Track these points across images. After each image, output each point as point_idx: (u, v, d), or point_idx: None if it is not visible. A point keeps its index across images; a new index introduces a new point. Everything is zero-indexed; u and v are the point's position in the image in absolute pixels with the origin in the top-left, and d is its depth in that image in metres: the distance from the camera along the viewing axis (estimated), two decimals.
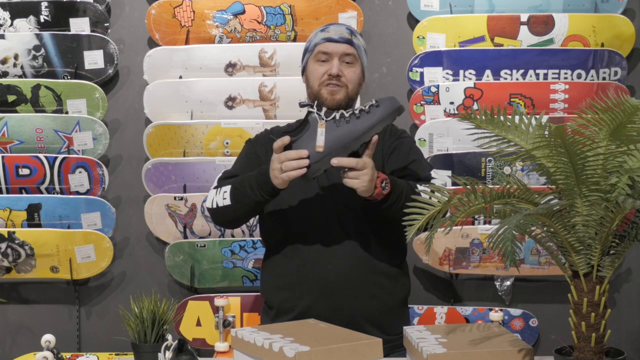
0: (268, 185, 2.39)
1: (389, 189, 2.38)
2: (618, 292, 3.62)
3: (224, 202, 2.49)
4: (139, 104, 3.61)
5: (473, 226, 3.49)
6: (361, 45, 2.61)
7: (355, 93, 2.59)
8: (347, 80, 2.55)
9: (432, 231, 1.95)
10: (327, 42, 2.57)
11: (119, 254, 3.65)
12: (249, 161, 2.62)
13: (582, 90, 3.49)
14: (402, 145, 2.63)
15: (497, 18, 3.54)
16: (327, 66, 2.55)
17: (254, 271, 3.53)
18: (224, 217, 2.57)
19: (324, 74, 2.55)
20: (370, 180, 2.33)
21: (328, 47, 2.56)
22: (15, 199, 3.51)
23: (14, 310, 3.68)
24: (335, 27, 2.61)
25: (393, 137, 2.65)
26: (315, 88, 2.56)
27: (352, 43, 2.57)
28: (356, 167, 2.32)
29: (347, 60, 2.56)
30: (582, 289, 1.95)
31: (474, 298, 3.62)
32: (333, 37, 2.57)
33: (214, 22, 3.58)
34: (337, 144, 2.33)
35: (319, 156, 2.32)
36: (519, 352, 2.01)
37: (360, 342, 2.05)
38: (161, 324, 2.31)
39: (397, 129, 2.72)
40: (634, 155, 1.96)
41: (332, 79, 2.53)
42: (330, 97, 2.54)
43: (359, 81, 2.59)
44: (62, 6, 3.58)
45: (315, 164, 2.32)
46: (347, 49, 2.56)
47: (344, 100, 2.55)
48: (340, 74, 2.54)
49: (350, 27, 2.65)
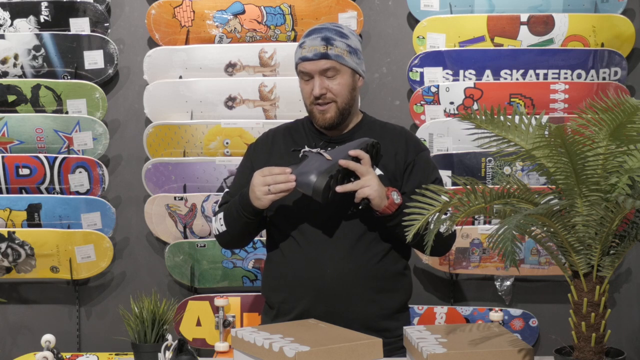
0: (250, 207, 2.46)
1: (400, 200, 2.42)
2: (618, 292, 3.62)
3: (222, 228, 2.60)
4: (139, 104, 3.61)
5: (473, 226, 3.49)
6: (342, 49, 2.50)
7: (348, 100, 2.54)
8: (333, 95, 2.51)
9: (432, 231, 1.95)
10: (304, 61, 2.52)
11: (119, 254, 3.65)
12: (244, 177, 2.63)
13: (582, 90, 3.49)
14: (421, 161, 2.60)
15: (497, 18, 3.54)
16: (311, 84, 2.52)
17: (254, 271, 3.53)
18: (228, 242, 2.68)
19: (310, 93, 2.52)
20: (378, 184, 2.39)
21: (306, 67, 2.51)
22: (15, 199, 3.51)
23: (14, 310, 3.69)
24: (311, 40, 2.51)
25: (412, 150, 2.61)
26: (308, 107, 2.57)
27: (328, 56, 2.48)
28: (360, 173, 2.38)
29: (329, 75, 2.51)
30: (582, 289, 1.95)
31: (474, 298, 3.62)
32: (308, 55, 2.50)
33: (214, 22, 3.58)
34: (339, 155, 2.44)
35: (328, 163, 2.40)
36: (519, 352, 2.01)
37: (360, 342, 2.05)
38: (161, 324, 2.31)
39: (416, 140, 2.67)
40: (634, 155, 1.96)
41: (317, 99, 2.51)
42: (321, 117, 2.53)
43: (349, 87, 2.53)
44: (62, 6, 3.58)
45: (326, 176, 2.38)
46: (325, 64, 2.48)
47: (335, 118, 2.53)
48: (325, 91, 2.50)
49: (329, 31, 2.52)
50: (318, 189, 2.36)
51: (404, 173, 2.57)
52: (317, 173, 2.37)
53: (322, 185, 2.36)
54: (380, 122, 2.69)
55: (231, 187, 2.70)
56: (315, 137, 2.61)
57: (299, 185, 2.40)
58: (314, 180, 2.37)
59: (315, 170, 2.38)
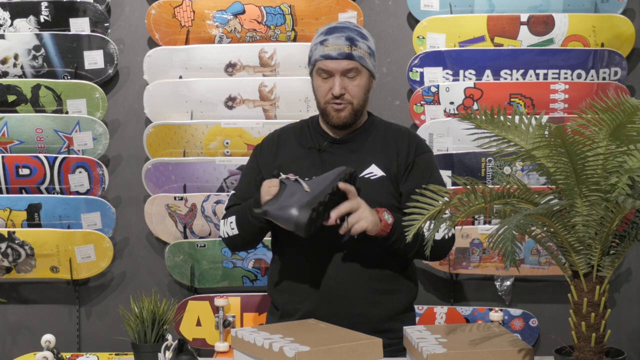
0: None
1: (392, 219, 2.41)
2: (618, 292, 3.62)
3: (233, 232, 2.57)
4: (139, 104, 3.61)
5: (473, 226, 3.49)
6: (364, 50, 2.51)
7: (363, 102, 2.55)
8: (351, 97, 2.51)
9: (431, 231, 1.95)
10: (326, 59, 2.49)
11: (119, 254, 3.65)
12: (251, 178, 2.64)
13: (582, 90, 3.49)
14: (421, 162, 2.59)
15: (497, 18, 3.54)
16: (330, 83, 2.50)
17: (254, 271, 3.53)
18: (237, 245, 2.67)
19: (327, 92, 2.51)
20: (371, 214, 2.38)
21: (328, 65, 2.49)
22: (15, 199, 3.51)
23: (14, 310, 3.69)
24: (334, 39, 2.49)
25: (413, 152, 2.59)
26: (322, 105, 2.54)
27: (353, 57, 2.48)
28: (352, 208, 2.37)
29: (350, 75, 2.50)
30: (582, 289, 1.95)
31: (474, 298, 3.62)
32: (331, 54, 2.48)
33: (214, 22, 3.58)
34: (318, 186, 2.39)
35: (308, 196, 2.35)
36: (519, 352, 2.01)
37: (360, 342, 2.05)
38: (161, 324, 2.31)
39: (419, 142, 2.65)
40: (634, 155, 1.96)
41: (335, 99, 2.50)
42: (336, 115, 2.52)
43: (365, 89, 2.54)
44: (62, 6, 3.58)
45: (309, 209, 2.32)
46: (348, 65, 2.48)
47: (349, 117, 2.53)
48: (344, 92, 2.50)
49: (351, 31, 2.52)
50: (301, 224, 2.30)
51: (404, 174, 2.57)
52: (298, 207, 2.32)
53: (304, 220, 2.30)
54: (385, 123, 2.68)
55: (237, 189, 2.69)
56: (321, 137, 2.60)
57: (280, 220, 2.35)
58: (296, 214, 2.31)
59: (296, 204, 2.32)
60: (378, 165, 2.55)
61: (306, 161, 2.57)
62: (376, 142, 2.59)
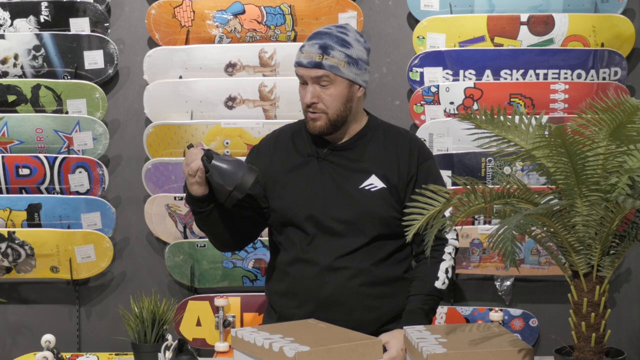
0: (189, 197, 2.44)
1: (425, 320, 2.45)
2: (618, 292, 3.62)
3: (203, 233, 2.60)
4: (139, 104, 3.61)
5: (473, 226, 3.49)
6: (340, 59, 2.42)
7: (341, 112, 2.46)
8: (325, 106, 2.44)
9: (432, 231, 1.95)
10: (299, 66, 2.46)
11: (119, 254, 3.65)
12: None
13: (582, 90, 3.49)
14: (423, 173, 2.54)
15: (497, 18, 3.54)
16: (306, 89, 2.47)
17: (254, 271, 3.54)
18: (217, 244, 2.63)
19: (303, 99, 2.48)
20: None
21: (299, 71, 2.46)
22: (15, 199, 3.51)
23: (14, 310, 3.69)
24: (309, 46, 2.44)
25: (415, 162, 2.54)
26: (303, 111, 2.51)
27: (322, 65, 2.40)
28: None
29: (322, 84, 2.43)
30: (582, 289, 1.95)
31: (474, 298, 3.62)
32: (302, 61, 2.43)
33: (214, 22, 3.58)
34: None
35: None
36: (519, 352, 2.01)
37: (360, 342, 2.05)
38: (161, 324, 2.31)
39: (420, 148, 2.59)
40: (634, 155, 1.96)
41: (308, 107, 2.47)
42: (312, 124, 2.48)
43: (343, 99, 2.45)
44: (62, 6, 3.58)
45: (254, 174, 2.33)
46: (317, 73, 2.41)
47: (324, 127, 2.46)
48: (316, 101, 2.44)
49: (331, 38, 2.43)
50: (246, 184, 2.30)
51: (407, 186, 2.52)
52: (247, 168, 2.31)
53: (250, 180, 2.30)
54: (384, 126, 2.61)
55: None
56: (318, 142, 2.55)
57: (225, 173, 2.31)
58: (243, 171, 2.30)
59: (244, 165, 2.32)
60: (378, 176, 2.50)
61: (305, 170, 2.53)
62: (376, 149, 2.54)
